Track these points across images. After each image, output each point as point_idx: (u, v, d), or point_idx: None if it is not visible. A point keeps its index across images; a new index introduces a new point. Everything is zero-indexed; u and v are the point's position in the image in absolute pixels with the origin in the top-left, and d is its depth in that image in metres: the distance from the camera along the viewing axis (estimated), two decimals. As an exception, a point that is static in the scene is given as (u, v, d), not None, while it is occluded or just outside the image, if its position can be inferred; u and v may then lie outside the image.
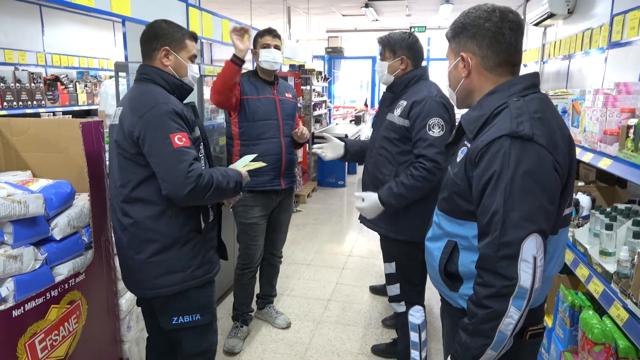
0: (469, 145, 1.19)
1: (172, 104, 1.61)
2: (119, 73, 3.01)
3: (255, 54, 2.64)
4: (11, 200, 1.41)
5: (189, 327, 1.75)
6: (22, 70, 5.45)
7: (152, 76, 1.69)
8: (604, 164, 1.79)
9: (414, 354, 2.18)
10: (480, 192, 1.12)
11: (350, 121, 8.88)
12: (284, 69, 7.26)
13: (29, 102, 5.09)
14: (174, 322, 1.74)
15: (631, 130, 1.63)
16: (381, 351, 2.69)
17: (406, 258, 2.15)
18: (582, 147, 2.03)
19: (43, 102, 5.30)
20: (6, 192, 1.43)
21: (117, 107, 1.73)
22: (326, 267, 4.01)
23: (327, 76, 8.65)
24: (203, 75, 3.09)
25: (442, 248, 1.26)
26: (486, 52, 1.19)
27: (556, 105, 1.99)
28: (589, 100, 2.06)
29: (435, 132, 1.99)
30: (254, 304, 2.98)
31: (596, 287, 1.68)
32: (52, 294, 1.57)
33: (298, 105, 2.87)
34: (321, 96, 7.56)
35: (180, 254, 1.67)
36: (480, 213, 1.11)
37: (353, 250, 4.45)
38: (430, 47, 11.28)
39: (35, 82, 5.24)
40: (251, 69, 2.74)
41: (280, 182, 2.64)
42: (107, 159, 1.83)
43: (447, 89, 1.37)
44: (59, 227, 1.62)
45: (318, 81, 7.34)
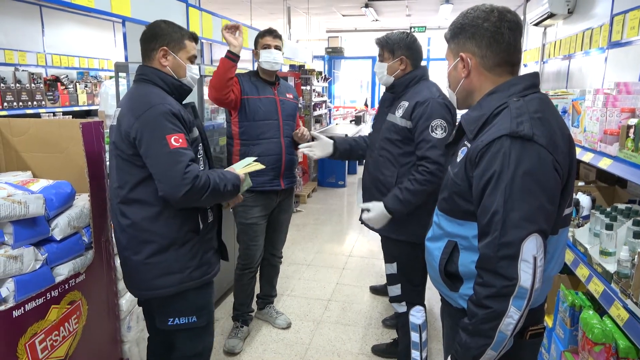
0: (469, 145, 1.19)
1: (169, 104, 1.60)
2: (119, 73, 3.01)
3: (256, 54, 2.64)
4: (11, 201, 1.41)
5: (184, 328, 1.75)
6: (23, 70, 5.45)
7: (151, 77, 1.68)
8: (604, 163, 1.79)
9: (415, 354, 2.18)
10: (480, 192, 1.12)
11: (351, 121, 8.88)
12: (284, 69, 7.26)
13: (29, 103, 5.09)
14: (169, 323, 1.74)
15: (631, 130, 1.63)
16: (381, 351, 2.69)
17: (407, 258, 2.15)
18: (582, 147, 2.03)
19: (43, 102, 5.30)
20: (6, 193, 1.43)
21: (117, 108, 1.73)
22: (326, 267, 4.01)
23: (327, 76, 8.65)
24: (203, 75, 3.08)
25: (442, 248, 1.26)
26: (485, 52, 1.20)
27: (556, 105, 1.99)
28: (589, 100, 2.06)
29: (438, 134, 1.98)
30: (254, 304, 2.98)
31: (596, 287, 1.67)
32: (53, 294, 1.57)
33: (299, 105, 2.86)
34: (321, 96, 7.55)
35: (178, 255, 1.67)
36: (481, 213, 1.11)
37: (353, 251, 4.45)
38: (430, 47, 11.29)
39: (35, 82, 5.24)
40: (252, 69, 2.74)
41: (280, 183, 2.63)
42: (107, 160, 1.83)
43: (447, 89, 1.37)
44: (59, 227, 1.62)
45: (318, 81, 7.34)
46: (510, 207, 1.05)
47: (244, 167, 1.87)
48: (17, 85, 4.96)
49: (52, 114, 5.40)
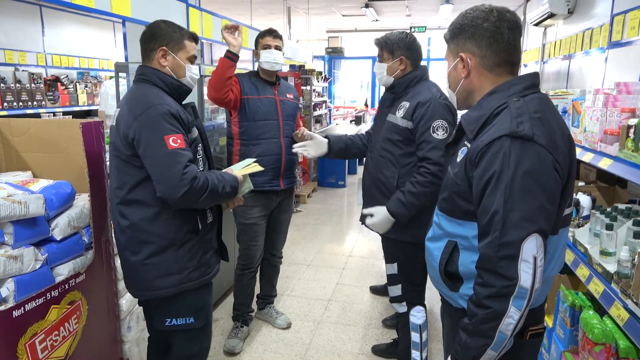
0: (469, 145, 1.19)
1: (168, 105, 1.59)
2: (119, 73, 3.01)
3: (256, 54, 2.64)
4: (11, 201, 1.41)
5: (181, 329, 1.75)
6: (23, 70, 5.45)
7: (150, 77, 1.68)
8: (604, 164, 1.79)
9: (415, 354, 2.18)
10: (480, 192, 1.12)
11: (351, 121, 8.87)
12: (284, 69, 7.26)
13: (29, 103, 5.09)
14: (167, 324, 1.73)
15: (631, 130, 1.63)
16: (381, 351, 2.69)
17: (408, 259, 2.14)
18: (583, 147, 2.03)
19: (43, 102, 5.30)
20: (6, 193, 1.43)
21: (117, 108, 1.73)
22: (326, 268, 4.01)
23: (327, 76, 8.64)
24: (203, 75, 3.09)
25: (443, 248, 1.26)
26: (485, 51, 1.20)
27: (556, 105, 1.99)
28: (589, 100, 2.06)
29: (439, 135, 1.97)
30: (254, 304, 2.98)
31: (596, 287, 1.67)
32: (53, 294, 1.57)
33: (299, 105, 2.86)
34: (321, 96, 7.55)
35: (177, 256, 1.66)
36: (481, 213, 1.11)
37: (353, 251, 4.45)
38: (430, 47, 11.29)
39: (35, 82, 5.25)
40: (252, 69, 2.74)
41: (280, 183, 2.63)
42: (108, 160, 1.83)
43: (447, 90, 1.37)
44: (60, 227, 1.62)
45: (318, 81, 7.34)
46: (510, 207, 1.05)
47: (242, 168, 1.86)
48: (17, 85, 4.96)
49: (52, 114, 5.41)
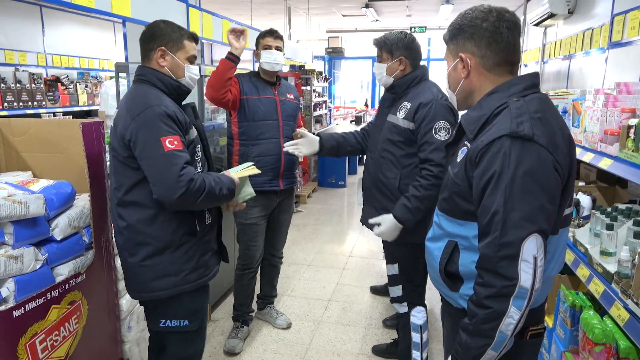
0: (469, 145, 1.19)
1: (164, 106, 1.58)
2: (119, 74, 3.01)
3: (257, 54, 2.64)
4: (12, 201, 1.41)
5: (175, 331, 1.74)
6: (23, 70, 5.45)
7: (149, 77, 1.67)
8: (604, 164, 1.79)
9: (415, 354, 2.17)
10: (480, 192, 1.12)
11: (351, 121, 8.88)
12: (285, 69, 7.26)
13: (30, 103, 5.09)
14: (161, 325, 1.73)
15: (632, 130, 1.63)
16: (382, 351, 2.69)
17: (409, 260, 2.14)
18: (583, 147, 2.03)
19: (43, 102, 5.31)
20: (7, 193, 1.43)
21: (117, 108, 1.73)
22: (327, 268, 4.01)
23: (327, 76, 8.64)
24: (203, 75, 3.09)
25: (443, 248, 1.26)
26: (485, 51, 1.20)
27: (556, 105, 1.98)
28: (589, 100, 2.06)
29: (441, 136, 1.96)
30: (254, 305, 2.98)
31: (597, 287, 1.67)
32: (53, 294, 1.57)
33: (299, 105, 2.86)
34: (321, 96, 7.55)
35: (174, 257, 1.66)
36: (481, 213, 1.11)
37: (353, 251, 4.45)
38: (430, 47, 11.29)
39: (35, 82, 5.25)
40: (251, 69, 2.74)
41: (279, 183, 2.63)
42: (108, 160, 1.83)
43: (447, 91, 1.37)
44: (60, 227, 1.62)
45: (318, 81, 7.34)
46: (511, 207, 1.05)
47: (239, 171, 1.86)
48: (18, 85, 4.97)
49: (52, 114, 5.41)
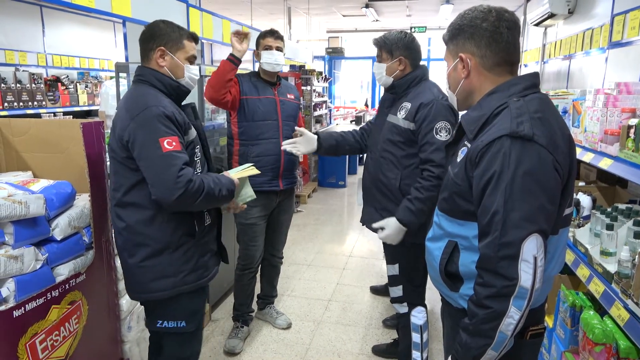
0: (469, 145, 1.19)
1: (163, 107, 1.57)
2: (119, 74, 3.01)
3: (257, 54, 2.64)
4: (12, 201, 1.41)
5: (172, 332, 1.74)
6: (23, 71, 5.46)
7: (148, 77, 1.66)
8: (604, 164, 1.79)
9: (416, 354, 2.17)
10: (480, 192, 1.12)
11: (351, 121, 8.88)
12: (285, 69, 7.26)
13: (30, 103, 5.09)
14: (158, 325, 1.73)
15: (632, 130, 1.63)
16: (382, 351, 2.69)
17: (409, 260, 2.13)
18: (583, 147, 2.03)
19: (44, 102, 5.31)
20: (7, 193, 1.43)
21: (116, 109, 1.73)
22: (327, 268, 4.01)
23: (327, 76, 8.64)
24: (203, 75, 3.08)
25: (443, 248, 1.26)
26: (485, 51, 1.20)
27: (557, 105, 1.98)
28: (589, 100, 2.06)
29: (442, 136, 1.96)
30: (254, 305, 2.98)
31: (597, 287, 1.67)
32: (53, 294, 1.57)
33: (300, 106, 2.86)
34: (321, 96, 7.55)
35: (172, 258, 1.65)
36: (481, 213, 1.11)
37: (354, 251, 4.45)
38: (430, 47, 11.29)
39: (36, 82, 5.25)
40: (252, 69, 2.74)
41: (279, 183, 2.62)
42: (108, 160, 1.83)
43: (447, 91, 1.37)
44: (60, 227, 1.62)
45: (318, 81, 7.34)
46: (511, 207, 1.05)
47: (239, 172, 1.85)
48: (18, 85, 4.97)
49: (52, 114, 5.41)
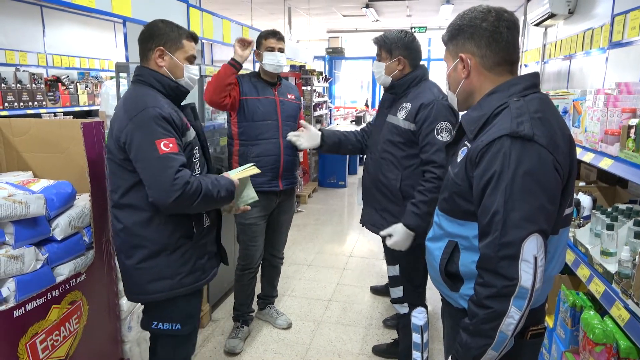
0: (470, 145, 1.19)
1: (160, 108, 1.56)
2: (119, 74, 3.02)
3: (258, 55, 2.63)
4: (12, 201, 1.41)
5: (167, 334, 1.73)
6: (23, 71, 5.45)
7: (146, 78, 1.65)
8: (605, 164, 1.79)
9: (416, 354, 2.17)
10: (480, 192, 1.12)
11: (351, 121, 8.88)
12: (285, 69, 7.26)
13: (30, 103, 5.09)
14: (152, 326, 1.72)
15: (632, 130, 1.63)
16: (382, 351, 2.68)
17: (409, 260, 2.13)
18: (583, 147, 2.03)
19: (44, 102, 5.31)
20: (7, 193, 1.43)
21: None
22: (327, 268, 4.01)
23: (327, 76, 8.64)
24: (204, 75, 3.09)
25: (443, 248, 1.26)
26: (485, 51, 1.20)
27: (557, 106, 1.99)
28: (589, 100, 2.06)
29: (443, 137, 1.95)
30: (254, 305, 2.98)
31: (597, 287, 1.67)
32: (53, 294, 1.57)
33: (301, 106, 2.85)
34: (322, 97, 7.56)
35: (169, 260, 1.65)
36: (481, 213, 1.11)
37: (354, 251, 4.45)
38: (430, 47, 11.29)
39: (36, 82, 5.25)
40: (251, 69, 2.74)
41: (279, 184, 2.62)
42: (107, 160, 1.83)
43: (447, 91, 1.37)
44: (60, 227, 1.62)
45: (319, 81, 7.35)
46: (511, 207, 1.05)
47: (239, 172, 1.85)
48: (18, 85, 4.97)
49: (52, 114, 5.41)
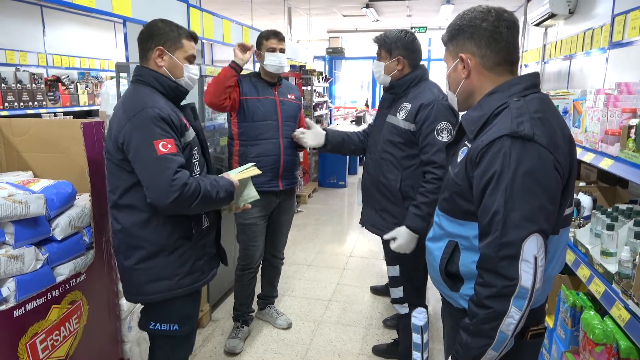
0: (470, 145, 1.19)
1: (158, 108, 1.55)
2: (120, 74, 3.02)
3: (258, 55, 2.63)
4: (12, 201, 1.41)
5: (165, 335, 1.73)
6: (24, 71, 5.45)
7: (145, 78, 1.64)
8: (605, 164, 1.79)
9: (416, 355, 2.17)
10: (480, 192, 1.12)
11: (351, 122, 8.88)
12: (286, 69, 7.26)
13: (30, 103, 5.09)
14: (150, 327, 1.72)
15: (632, 131, 1.63)
16: (382, 352, 2.68)
17: (409, 261, 2.13)
18: (583, 148, 2.03)
19: (44, 102, 5.31)
20: (7, 193, 1.43)
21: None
22: (327, 268, 4.01)
23: (328, 77, 8.64)
24: (204, 75, 3.08)
25: (443, 248, 1.26)
26: (485, 51, 1.20)
27: (557, 106, 1.99)
28: (590, 101, 2.06)
29: (444, 137, 1.95)
30: (254, 305, 2.97)
31: (597, 287, 1.67)
32: (53, 294, 1.57)
33: (301, 106, 2.85)
34: (322, 97, 7.56)
35: (168, 261, 1.64)
36: (481, 213, 1.11)
37: (354, 251, 4.45)
38: (431, 47, 11.29)
39: (36, 82, 5.25)
40: (252, 69, 2.74)
41: (279, 184, 2.61)
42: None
43: (447, 91, 1.37)
44: (60, 227, 1.62)
45: (319, 82, 7.35)
46: (511, 207, 1.05)
47: (239, 172, 1.84)
48: (18, 85, 4.97)
49: (53, 114, 5.41)
